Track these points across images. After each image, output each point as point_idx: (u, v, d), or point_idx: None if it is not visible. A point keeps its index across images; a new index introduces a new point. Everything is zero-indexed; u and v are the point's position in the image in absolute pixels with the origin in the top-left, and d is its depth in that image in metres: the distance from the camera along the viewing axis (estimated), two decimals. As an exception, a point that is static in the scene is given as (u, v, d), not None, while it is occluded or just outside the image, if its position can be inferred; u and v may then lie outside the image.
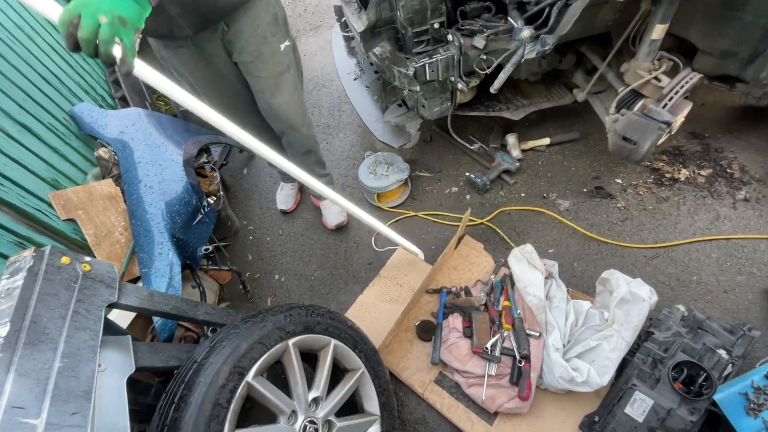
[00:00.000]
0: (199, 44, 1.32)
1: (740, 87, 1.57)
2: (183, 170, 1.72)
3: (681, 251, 1.58)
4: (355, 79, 2.02)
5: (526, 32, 1.24)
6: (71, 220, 1.51)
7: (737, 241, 1.56)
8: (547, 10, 1.27)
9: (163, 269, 1.47)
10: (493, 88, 1.43)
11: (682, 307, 1.28)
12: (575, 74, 1.80)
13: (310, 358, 1.22)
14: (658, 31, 1.34)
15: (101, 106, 2.22)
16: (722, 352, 1.11)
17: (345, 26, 2.20)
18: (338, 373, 1.25)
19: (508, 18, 1.32)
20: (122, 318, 1.35)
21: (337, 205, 1.90)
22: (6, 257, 1.18)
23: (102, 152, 1.75)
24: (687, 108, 1.40)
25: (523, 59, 1.30)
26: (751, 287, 1.45)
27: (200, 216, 1.70)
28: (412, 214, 1.94)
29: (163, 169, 1.71)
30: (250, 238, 2.09)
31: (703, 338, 1.18)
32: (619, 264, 1.59)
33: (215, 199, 1.92)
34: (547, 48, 1.25)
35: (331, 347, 1.19)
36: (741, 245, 1.55)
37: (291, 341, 1.09)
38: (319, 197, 1.96)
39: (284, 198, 2.12)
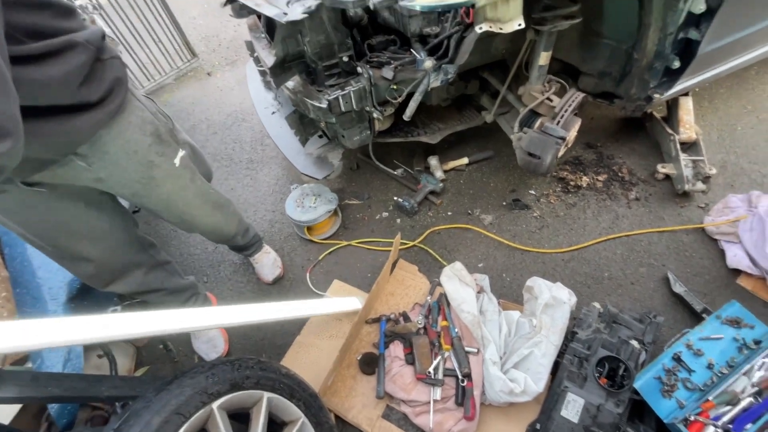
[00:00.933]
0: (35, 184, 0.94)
1: (617, 102, 1.80)
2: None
3: (592, 251, 1.73)
4: (273, 113, 1.99)
5: (429, 63, 1.31)
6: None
7: (635, 236, 1.74)
8: (445, 42, 1.36)
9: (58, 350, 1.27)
10: (406, 116, 1.48)
11: (597, 305, 1.38)
12: (482, 97, 1.94)
13: (243, 417, 1.11)
14: (543, 58, 1.49)
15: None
16: (635, 342, 1.21)
17: (258, 61, 2.17)
18: (276, 427, 1.15)
19: (412, 50, 1.39)
20: (6, 411, 1.13)
21: (270, 256, 1.81)
22: None
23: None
24: (578, 123, 1.56)
25: (429, 88, 1.36)
26: (651, 277, 1.61)
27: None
28: (345, 243, 1.91)
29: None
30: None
31: (618, 331, 1.28)
32: (542, 270, 1.70)
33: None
34: (449, 77, 1.33)
35: (264, 402, 1.09)
36: (638, 240, 1.73)
37: (215, 404, 0.98)
38: (251, 254, 1.81)
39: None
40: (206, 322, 1.06)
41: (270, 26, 1.76)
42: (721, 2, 1.34)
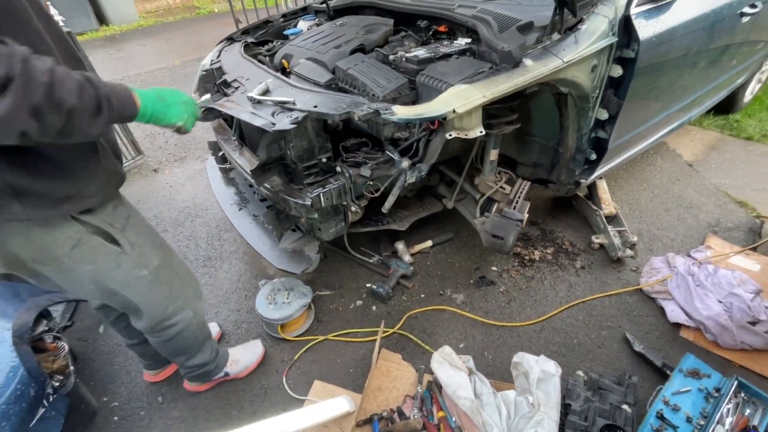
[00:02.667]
0: None
1: (551, 186, 2.12)
2: (12, 352, 1.29)
3: (557, 320, 1.86)
4: (240, 210, 1.98)
5: (406, 163, 1.46)
6: None
7: (590, 302, 1.93)
8: (415, 145, 1.54)
9: None
10: (385, 208, 1.59)
11: (581, 373, 1.46)
12: (440, 186, 2.15)
13: None
14: (493, 155, 1.75)
15: None
16: (625, 407, 1.28)
17: (222, 160, 2.20)
18: None
19: (386, 151, 1.55)
20: None
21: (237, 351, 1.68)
22: None
23: None
24: (527, 205, 1.79)
25: (406, 183, 1.50)
26: (613, 338, 1.77)
27: (42, 411, 1.25)
28: (322, 338, 1.82)
29: (-20, 358, 1.25)
30: (115, 419, 1.60)
31: (607, 397, 1.35)
32: (519, 343, 1.77)
33: (61, 378, 1.46)
34: (423, 173, 1.49)
35: None
36: (593, 305, 1.92)
37: None
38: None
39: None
40: None
41: (241, 131, 1.84)
42: (618, 111, 1.74)
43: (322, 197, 1.49)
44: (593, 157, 1.92)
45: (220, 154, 2.15)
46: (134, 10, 6.92)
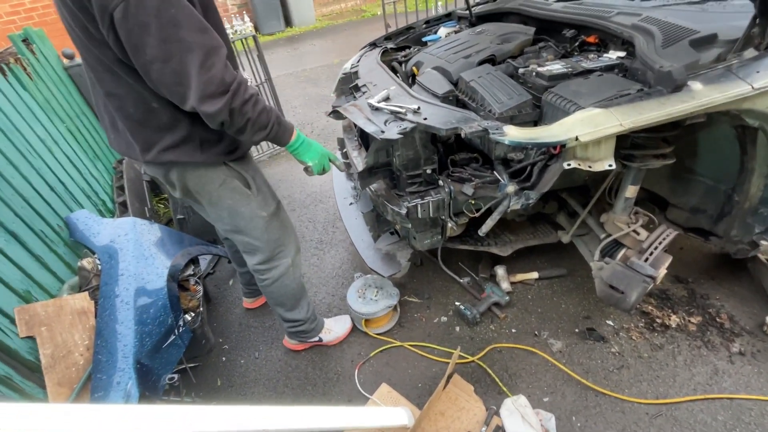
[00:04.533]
0: None
1: (714, 240, 1.66)
2: (165, 285, 1.67)
3: (684, 410, 1.47)
4: (350, 204, 2.12)
5: (511, 188, 1.34)
6: (31, 338, 1.40)
7: (741, 401, 1.46)
8: (529, 168, 1.40)
9: (117, 402, 1.31)
10: (482, 232, 1.49)
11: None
12: (559, 215, 1.90)
13: None
14: (630, 191, 1.46)
15: (101, 212, 2.27)
16: None
17: (345, 156, 2.39)
18: None
19: (495, 171, 1.45)
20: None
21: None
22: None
23: (85, 262, 1.72)
24: (668, 260, 1.45)
25: (509, 209, 1.38)
26: (768, 462, 1.31)
27: (173, 337, 1.59)
28: (399, 344, 1.84)
29: (144, 284, 1.66)
30: (223, 359, 1.94)
31: None
32: (621, 421, 1.46)
33: (192, 315, 1.82)
34: (530, 202, 1.34)
35: None
36: (747, 407, 1.45)
37: None
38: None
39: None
40: (242, 426, 1.03)
41: (363, 133, 1.96)
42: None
43: (419, 208, 1.49)
44: (787, 214, 1.42)
45: (344, 150, 2.33)
46: (313, 14, 8.00)
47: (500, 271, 2.02)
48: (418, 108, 1.39)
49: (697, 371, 1.57)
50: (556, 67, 1.43)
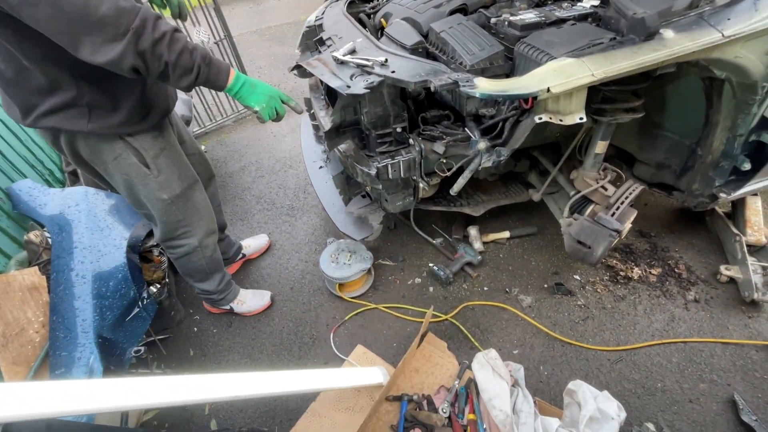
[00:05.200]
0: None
1: (677, 195, 1.71)
2: (124, 257, 1.58)
3: (643, 354, 1.56)
4: (320, 167, 2.05)
5: (482, 144, 1.31)
6: (-24, 317, 1.30)
7: (694, 344, 1.56)
8: (500, 125, 1.36)
9: (79, 377, 1.26)
10: (453, 191, 1.47)
11: (651, 426, 1.21)
12: (530, 174, 1.90)
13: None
14: (600, 147, 1.45)
15: (48, 182, 2.09)
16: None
17: (313, 117, 2.28)
18: None
19: (466, 128, 1.40)
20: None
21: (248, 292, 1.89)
22: None
23: (32, 235, 1.59)
24: (633, 215, 1.48)
25: (480, 167, 1.35)
26: (714, 396, 1.42)
27: (136, 310, 1.53)
28: (374, 306, 1.85)
29: (101, 256, 1.57)
30: (195, 329, 1.89)
31: (676, 465, 1.10)
32: (584, 368, 1.54)
33: (158, 287, 1.75)
34: (501, 159, 1.32)
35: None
36: (698, 349, 1.55)
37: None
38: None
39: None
40: (217, 393, 1.01)
41: (330, 91, 1.85)
42: (801, 110, 1.27)
43: (389, 168, 1.44)
44: (746, 166, 1.47)
45: (311, 111, 2.22)
46: (277, -35, 7.40)
47: (473, 231, 2.03)
48: (386, 60, 1.31)
49: (656, 319, 1.66)
50: (529, 16, 1.37)
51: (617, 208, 1.42)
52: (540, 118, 1.15)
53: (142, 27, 0.87)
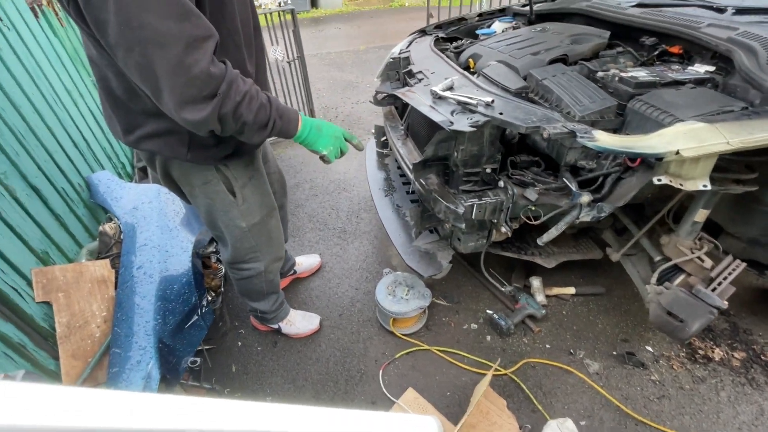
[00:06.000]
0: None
1: (770, 276, 1.58)
2: (190, 261, 1.57)
3: (730, 449, 1.40)
4: (385, 196, 2.02)
5: (586, 198, 1.25)
6: (47, 303, 1.29)
7: (790, 447, 1.40)
8: (601, 179, 1.30)
9: (137, 383, 1.21)
10: (542, 241, 1.41)
11: None
12: (605, 231, 1.82)
13: None
14: (701, 215, 1.37)
15: (119, 175, 2.14)
16: None
17: (381, 145, 2.28)
18: None
19: (563, 178, 1.35)
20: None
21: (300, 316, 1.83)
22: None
23: (108, 227, 1.60)
24: (731, 292, 1.37)
25: (578, 221, 1.29)
26: None
27: (195, 318, 1.49)
28: (427, 348, 1.75)
29: (168, 257, 1.55)
30: (239, 344, 1.84)
31: None
32: (662, 454, 1.39)
33: (213, 295, 1.72)
34: (602, 215, 1.25)
35: None
36: (794, 453, 1.38)
37: None
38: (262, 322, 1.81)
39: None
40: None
41: (411, 122, 1.85)
42: None
43: (475, 208, 1.39)
44: None
45: (382, 139, 2.23)
46: (340, -2, 7.83)
47: (536, 282, 1.93)
48: (492, 101, 1.29)
49: (742, 410, 1.50)
50: (641, 74, 1.34)
51: (719, 284, 1.32)
52: (659, 180, 1.09)
53: (227, 90, 0.84)
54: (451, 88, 1.48)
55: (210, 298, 1.67)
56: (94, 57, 0.90)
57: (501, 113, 1.24)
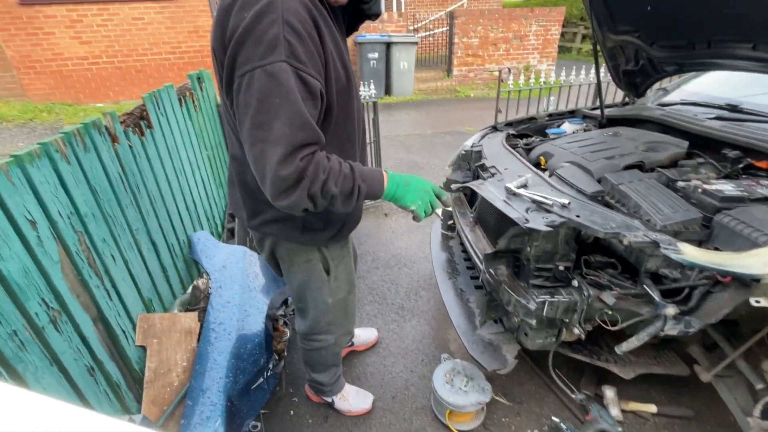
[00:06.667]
0: None
1: None
2: (263, 322, 1.67)
3: None
4: (449, 278, 2.05)
5: (671, 310, 1.19)
6: (142, 347, 1.44)
7: None
8: (687, 291, 1.25)
9: (203, 439, 1.26)
10: (621, 350, 1.33)
11: None
12: (692, 345, 1.66)
13: None
14: (811, 343, 1.23)
15: (212, 233, 2.43)
16: None
17: (447, 228, 2.37)
18: None
19: (643, 285, 1.31)
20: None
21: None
22: (75, 385, 1.08)
23: (201, 282, 1.80)
24: None
25: (663, 333, 1.22)
26: None
27: (261, 380, 1.56)
28: (485, 450, 1.62)
29: (246, 316, 1.68)
30: (291, 412, 1.84)
31: None
32: None
33: (276, 359, 1.79)
34: (691, 330, 1.18)
35: None
36: None
37: None
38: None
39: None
40: None
41: (481, 212, 1.94)
42: None
43: (547, 306, 1.37)
44: None
45: (449, 222, 2.32)
46: (412, 87, 8.67)
47: (609, 392, 1.76)
48: (569, 203, 1.35)
49: None
50: (727, 188, 1.33)
51: None
52: (758, 302, 1.03)
53: (315, 172, 0.92)
54: (525, 186, 1.57)
55: (275, 362, 1.73)
56: (237, 155, 1.12)
57: (578, 215, 1.29)
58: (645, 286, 1.30)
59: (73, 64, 7.06)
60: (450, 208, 1.38)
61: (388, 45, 7.97)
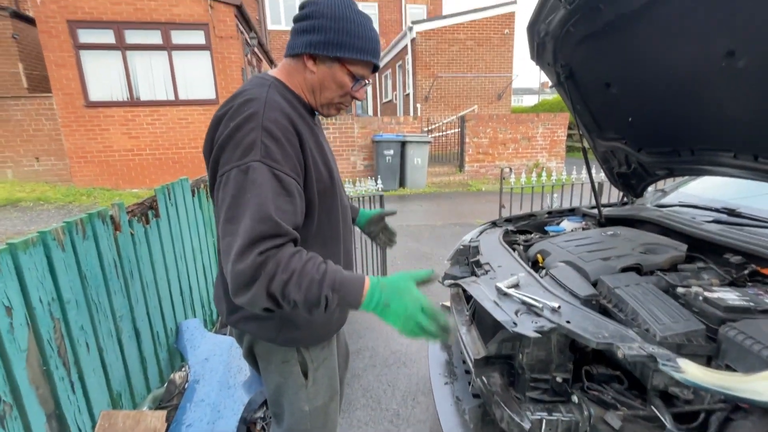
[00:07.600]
0: None
1: None
2: (236, 428, 1.53)
3: None
4: (446, 384, 1.88)
5: (684, 440, 1.03)
6: (98, 450, 1.31)
7: None
8: (703, 416, 1.09)
9: None
10: (634, 489, 1.13)
11: None
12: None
13: None
14: None
15: (206, 321, 2.39)
16: None
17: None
18: None
19: (653, 406, 1.16)
20: None
21: None
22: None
23: (177, 376, 1.71)
24: None
25: (679, 469, 1.04)
26: None
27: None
28: None
29: (218, 418, 1.55)
30: None
31: None
32: None
33: (249, 470, 1.59)
34: (713, 468, 1.00)
35: None
36: None
37: None
38: None
39: None
40: None
41: (475, 310, 1.86)
42: None
43: (544, 425, 1.21)
44: None
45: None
46: (425, 181, 9.13)
47: None
48: (559, 307, 1.28)
49: None
50: (730, 296, 1.25)
51: None
52: (783, 436, 0.88)
53: (275, 269, 0.88)
54: (516, 286, 1.51)
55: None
56: (222, 248, 1.16)
57: (568, 321, 1.21)
58: (653, 406, 1.15)
59: (119, 155, 7.89)
60: (446, 341, 1.30)
61: (403, 143, 8.64)
